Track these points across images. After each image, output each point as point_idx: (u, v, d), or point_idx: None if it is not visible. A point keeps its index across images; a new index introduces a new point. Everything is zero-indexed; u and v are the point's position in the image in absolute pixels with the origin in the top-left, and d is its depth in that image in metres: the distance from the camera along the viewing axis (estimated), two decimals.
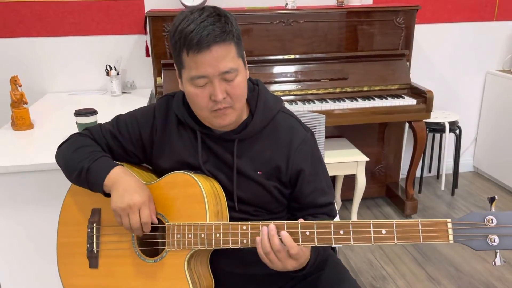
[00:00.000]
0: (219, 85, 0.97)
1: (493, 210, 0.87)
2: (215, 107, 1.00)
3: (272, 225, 0.95)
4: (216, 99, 0.98)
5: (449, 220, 0.88)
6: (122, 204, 1.01)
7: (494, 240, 0.85)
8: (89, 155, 1.09)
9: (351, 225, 0.92)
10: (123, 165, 1.10)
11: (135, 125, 1.14)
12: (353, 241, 0.92)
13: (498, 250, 0.87)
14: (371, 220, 0.91)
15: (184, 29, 0.95)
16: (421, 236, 0.89)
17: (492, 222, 0.86)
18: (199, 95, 0.99)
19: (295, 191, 1.12)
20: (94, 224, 1.13)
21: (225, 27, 0.95)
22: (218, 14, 0.97)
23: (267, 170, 1.09)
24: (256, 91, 1.11)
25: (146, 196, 1.04)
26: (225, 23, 0.96)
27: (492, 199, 0.88)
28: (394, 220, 0.91)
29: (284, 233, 0.94)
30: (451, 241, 0.87)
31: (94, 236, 1.13)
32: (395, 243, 0.90)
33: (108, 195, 1.06)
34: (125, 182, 1.03)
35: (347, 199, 2.72)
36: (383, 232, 0.91)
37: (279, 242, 0.94)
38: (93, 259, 1.13)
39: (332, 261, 1.21)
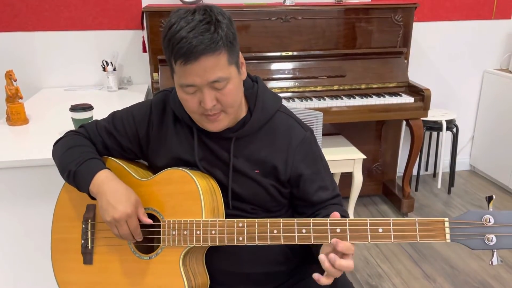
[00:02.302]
0: (208, 93, 0.96)
1: (491, 209, 0.86)
2: (205, 112, 0.99)
3: (332, 256, 0.89)
4: (205, 107, 0.97)
5: (446, 219, 0.87)
6: (108, 218, 1.01)
7: (491, 240, 0.85)
8: (77, 157, 1.08)
9: (347, 223, 0.92)
10: (109, 169, 1.08)
11: (131, 121, 1.13)
12: (350, 239, 0.91)
13: (495, 250, 0.86)
14: (368, 219, 0.90)
15: (173, 36, 0.92)
16: (418, 235, 0.88)
17: (489, 222, 0.85)
18: (189, 100, 0.98)
19: (299, 191, 1.11)
20: (89, 220, 1.12)
21: (213, 37, 0.91)
22: (208, 21, 0.92)
23: (264, 169, 1.08)
24: (255, 88, 1.10)
25: (132, 205, 1.01)
26: (214, 31, 0.91)
27: (489, 198, 0.87)
28: (391, 219, 0.90)
29: (341, 245, 0.90)
30: (448, 240, 0.86)
31: (89, 232, 1.12)
32: (391, 242, 0.90)
33: (95, 198, 1.06)
34: (109, 191, 1.02)
35: (344, 197, 2.68)
36: (380, 230, 0.90)
37: (344, 261, 0.89)
38: (87, 255, 1.12)
39: None
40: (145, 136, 1.13)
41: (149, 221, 1.03)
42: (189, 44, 0.90)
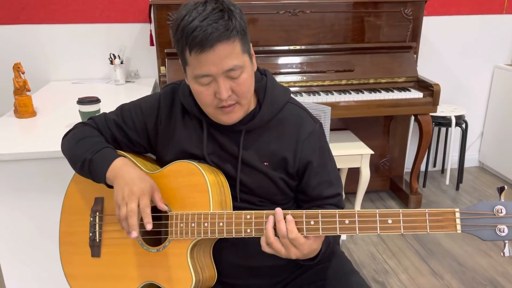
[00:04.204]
0: (223, 83, 0.95)
1: (503, 200, 0.85)
2: (220, 104, 0.98)
3: (279, 209, 0.94)
4: (220, 97, 0.96)
5: (457, 209, 0.86)
6: (120, 196, 1.00)
7: (503, 230, 0.83)
8: (92, 146, 1.08)
9: (356, 214, 0.91)
10: (125, 156, 1.08)
11: (140, 114, 1.13)
12: (359, 230, 0.90)
13: (507, 241, 0.84)
14: (377, 210, 0.90)
15: (186, 26, 0.91)
16: (428, 226, 0.87)
17: (501, 212, 0.84)
18: (203, 92, 0.97)
19: (302, 183, 1.11)
20: (97, 213, 1.12)
21: (228, 25, 0.91)
22: (221, 9, 0.92)
23: (273, 161, 1.08)
24: (264, 81, 1.09)
25: (147, 186, 1.01)
26: (228, 19, 0.92)
27: (501, 189, 0.85)
28: (400, 210, 0.89)
29: (289, 217, 0.93)
30: (459, 231, 0.85)
31: (97, 225, 1.12)
32: (401, 233, 0.89)
33: (111, 186, 1.05)
34: (127, 175, 1.01)
35: (351, 192, 2.70)
36: (389, 221, 0.89)
37: (285, 228, 0.92)
38: (95, 248, 1.12)
39: (336, 254, 1.20)
40: (153, 129, 1.12)
41: (164, 207, 1.03)
42: (204, 32, 0.89)
